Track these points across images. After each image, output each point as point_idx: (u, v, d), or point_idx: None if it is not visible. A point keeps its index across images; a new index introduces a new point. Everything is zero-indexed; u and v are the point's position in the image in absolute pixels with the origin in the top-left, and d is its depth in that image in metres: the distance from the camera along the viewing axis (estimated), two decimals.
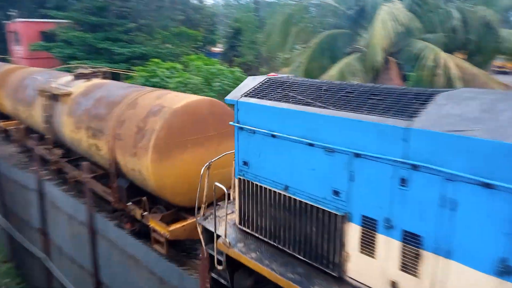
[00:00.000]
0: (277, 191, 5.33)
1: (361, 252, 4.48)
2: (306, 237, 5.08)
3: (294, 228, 5.23)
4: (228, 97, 5.89)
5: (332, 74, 10.60)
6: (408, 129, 3.93)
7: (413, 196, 3.99)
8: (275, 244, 5.46)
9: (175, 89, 15.39)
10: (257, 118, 5.44)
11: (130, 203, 8.66)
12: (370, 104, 4.43)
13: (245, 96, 5.71)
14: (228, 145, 8.31)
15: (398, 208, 4.11)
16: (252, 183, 5.69)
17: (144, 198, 8.15)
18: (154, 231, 7.95)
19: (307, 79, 6.21)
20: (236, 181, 6.02)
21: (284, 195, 5.24)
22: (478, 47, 12.33)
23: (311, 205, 4.93)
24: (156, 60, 20.12)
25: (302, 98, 5.09)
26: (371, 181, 4.29)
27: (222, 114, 8.21)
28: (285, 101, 5.23)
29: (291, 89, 5.47)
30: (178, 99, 8.01)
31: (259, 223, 5.73)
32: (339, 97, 4.83)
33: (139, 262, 5.75)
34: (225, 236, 5.75)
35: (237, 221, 6.10)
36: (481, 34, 11.77)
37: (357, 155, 4.35)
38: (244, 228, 5.96)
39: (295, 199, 5.12)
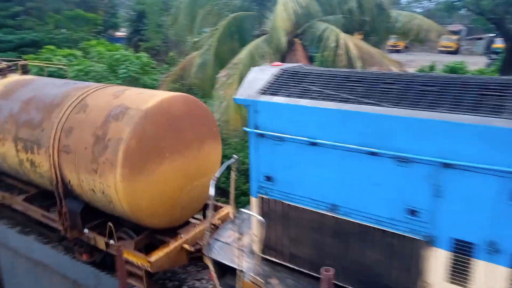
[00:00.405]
0: (321, 212, 4.27)
1: (451, 282, 3.66)
2: (366, 266, 4.12)
3: (346, 256, 4.24)
4: (239, 96, 4.59)
5: (241, 57, 10.24)
6: None
7: None
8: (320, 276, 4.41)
9: (75, 78, 13.56)
10: (287, 121, 4.27)
11: (86, 230, 6.92)
12: (459, 100, 3.54)
13: (264, 93, 4.48)
14: (208, 150, 6.98)
15: (507, 228, 3.34)
16: (281, 203, 4.54)
17: (109, 224, 6.50)
18: (127, 262, 6.39)
19: (325, 68, 5.15)
20: (254, 200, 4.81)
21: (332, 217, 4.19)
22: (373, 28, 12.86)
23: (374, 227, 3.97)
24: (50, 47, 17.87)
25: (349, 95, 4.03)
26: (468, 197, 3.44)
27: (198, 113, 6.83)
28: (324, 98, 4.13)
29: (320, 82, 4.37)
30: (144, 97, 6.42)
31: (292, 251, 4.63)
32: (401, 92, 3.87)
33: (48, 268, 5.21)
34: (254, 271, 4.55)
35: (256, 249, 4.92)
36: (375, 15, 12.31)
37: (447, 166, 3.46)
38: (270, 258, 4.82)
39: (348, 221, 4.11)
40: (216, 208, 7.18)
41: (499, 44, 30.10)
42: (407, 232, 3.76)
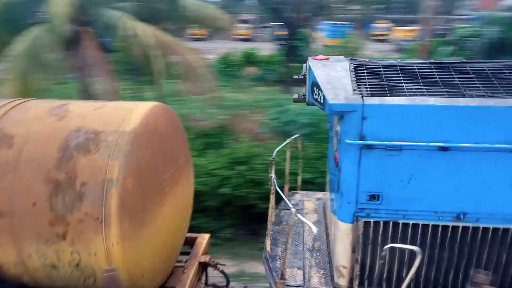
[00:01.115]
0: (445, 224, 3.70)
1: None
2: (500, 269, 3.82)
3: (459, 267, 3.82)
4: (335, 101, 3.53)
5: (20, 48, 9.12)
6: None
7: None
8: None
9: None
10: (408, 126, 3.51)
11: None
12: None
13: (362, 95, 3.57)
14: (192, 171, 5.46)
15: None
16: (392, 223, 3.77)
17: None
18: None
19: (391, 60, 4.49)
20: (346, 226, 3.87)
21: (458, 226, 3.69)
22: (168, 16, 13.04)
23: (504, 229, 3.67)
24: None
25: (455, 88, 3.55)
26: None
27: (177, 124, 5.23)
28: (432, 95, 3.55)
29: (408, 76, 3.78)
30: (112, 112, 4.47)
31: (390, 274, 3.95)
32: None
33: None
34: None
35: (343, 283, 4.01)
36: (167, 3, 12.57)
37: None
38: None
39: (478, 227, 3.69)
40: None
41: (281, 31, 34.49)
42: None
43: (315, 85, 4.01)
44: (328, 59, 4.33)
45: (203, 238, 5.98)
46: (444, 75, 3.77)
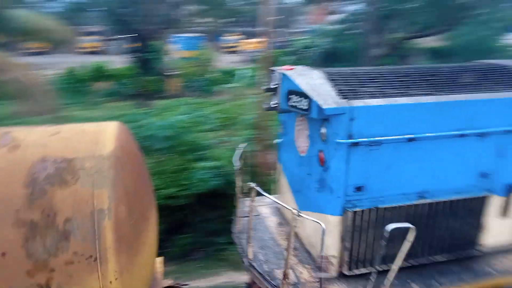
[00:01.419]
0: (412, 203, 4.36)
1: (502, 217, 4.80)
2: (440, 237, 4.65)
3: (424, 236, 4.57)
4: (327, 105, 3.83)
5: None
6: None
7: None
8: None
9: None
10: (386, 123, 4.05)
11: None
12: (499, 82, 4.53)
13: (346, 98, 3.99)
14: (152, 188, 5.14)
15: None
16: (375, 209, 4.29)
17: None
18: None
19: (353, 68, 4.95)
20: (334, 219, 4.24)
21: (423, 204, 4.40)
22: None
23: (455, 200, 4.54)
24: None
25: (418, 89, 4.27)
26: None
27: (136, 143, 4.90)
28: (403, 95, 4.19)
29: (376, 81, 4.38)
30: (73, 136, 3.98)
31: (373, 254, 4.48)
32: (452, 81, 4.50)
33: None
34: None
35: (334, 271, 4.40)
36: None
37: (508, 132, 4.45)
38: (356, 272, 4.45)
39: (436, 202, 4.46)
40: None
41: (132, 44, 33.81)
42: (477, 193, 4.59)
43: (292, 92, 4.28)
44: (293, 69, 4.64)
45: (159, 262, 5.69)
46: (397, 79, 4.46)
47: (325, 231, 3.66)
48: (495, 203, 4.93)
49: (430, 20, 23.66)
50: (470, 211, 4.81)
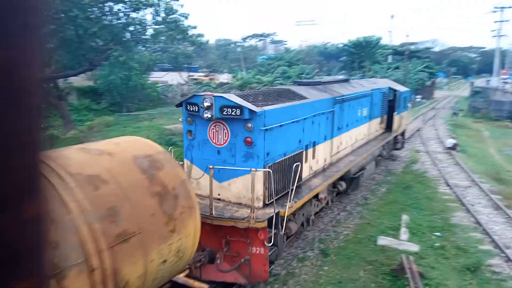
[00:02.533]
0: (282, 158, 8.42)
1: (305, 161, 9.55)
2: (290, 173, 8.95)
3: (284, 176, 8.76)
4: (256, 110, 7.23)
5: None
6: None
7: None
8: None
9: None
10: (280, 116, 7.97)
11: None
12: (291, 96, 9.16)
13: (258, 106, 7.61)
14: None
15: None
16: (274, 164, 8.03)
17: None
18: None
19: (254, 90, 8.31)
20: (262, 172, 7.68)
21: (285, 158, 8.55)
22: None
23: (289, 157, 8.86)
24: None
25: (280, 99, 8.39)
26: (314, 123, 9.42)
27: None
28: (281, 102, 8.19)
29: (263, 96, 8.18)
30: (131, 145, 5.77)
31: (276, 188, 8.31)
32: (285, 95, 8.81)
33: None
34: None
35: (261, 204, 7.82)
36: None
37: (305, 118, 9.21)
38: (271, 200, 8.02)
39: (286, 158, 8.68)
40: None
41: None
42: (299, 150, 9.10)
43: (225, 106, 7.31)
44: (213, 94, 7.60)
45: None
46: (274, 95, 8.34)
47: (255, 179, 7.09)
48: (304, 154, 9.69)
49: (70, 61, 25.12)
50: (298, 159, 9.34)
